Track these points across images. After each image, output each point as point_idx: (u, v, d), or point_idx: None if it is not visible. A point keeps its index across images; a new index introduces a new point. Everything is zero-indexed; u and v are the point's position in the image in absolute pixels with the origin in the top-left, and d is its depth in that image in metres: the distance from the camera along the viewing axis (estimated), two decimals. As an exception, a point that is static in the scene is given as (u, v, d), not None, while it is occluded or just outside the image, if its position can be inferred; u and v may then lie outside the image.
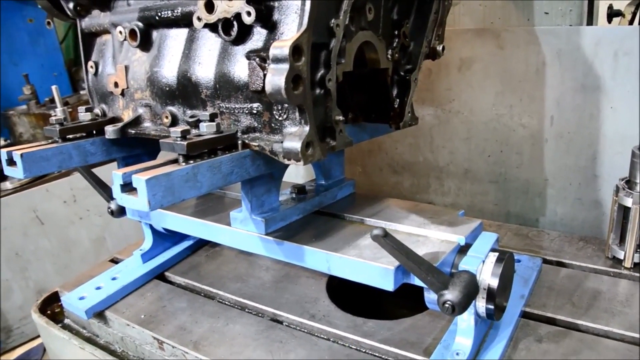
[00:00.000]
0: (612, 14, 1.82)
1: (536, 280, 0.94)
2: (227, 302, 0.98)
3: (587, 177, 1.11)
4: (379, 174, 1.39)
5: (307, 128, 0.65)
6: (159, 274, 1.08)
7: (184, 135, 0.67)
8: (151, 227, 1.08)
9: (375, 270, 0.68)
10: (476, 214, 1.27)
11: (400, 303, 0.98)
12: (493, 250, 0.73)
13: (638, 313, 0.85)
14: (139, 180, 0.60)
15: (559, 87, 1.08)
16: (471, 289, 0.65)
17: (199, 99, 0.77)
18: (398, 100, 0.86)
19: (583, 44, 1.05)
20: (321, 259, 0.73)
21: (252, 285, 1.01)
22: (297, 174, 1.41)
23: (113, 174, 0.63)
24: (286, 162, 0.66)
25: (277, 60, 0.60)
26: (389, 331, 0.84)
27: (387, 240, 0.63)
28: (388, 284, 0.67)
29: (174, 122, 0.82)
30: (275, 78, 0.60)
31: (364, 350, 0.82)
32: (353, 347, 0.83)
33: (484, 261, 0.71)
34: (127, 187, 0.63)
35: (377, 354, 0.81)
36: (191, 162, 0.65)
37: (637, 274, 0.95)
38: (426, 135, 1.27)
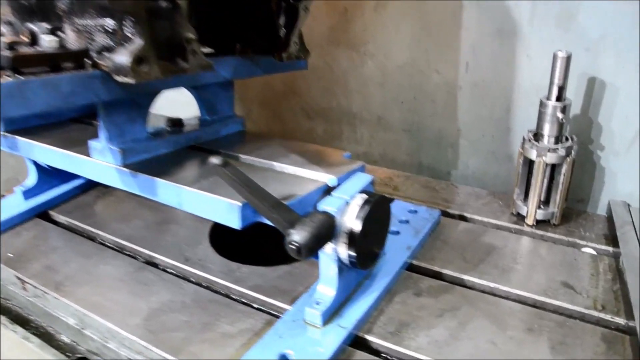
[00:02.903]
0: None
1: (430, 232, 0.89)
2: (107, 243, 0.91)
3: (501, 129, 1.05)
4: (293, 119, 1.31)
5: (139, 41, 0.56)
6: (42, 213, 1.01)
7: (12, 46, 0.59)
8: (35, 163, 1.00)
9: (221, 205, 0.61)
10: (388, 164, 1.21)
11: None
12: (364, 192, 0.66)
13: (530, 271, 0.80)
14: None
15: (475, 31, 1.01)
16: (324, 230, 0.59)
17: (56, 15, 0.67)
18: (285, 29, 0.78)
19: (502, -16, 0.98)
20: (172, 192, 0.66)
21: (134, 227, 0.94)
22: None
23: None
24: (118, 79, 0.58)
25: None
26: (262, 278, 0.78)
27: (226, 171, 0.56)
28: (234, 221, 0.60)
29: (34, 41, 0.73)
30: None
31: (231, 296, 0.76)
32: (222, 292, 0.77)
33: (348, 203, 0.64)
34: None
35: (244, 300, 0.75)
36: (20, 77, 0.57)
37: (539, 232, 0.91)
38: (340, 79, 1.19)
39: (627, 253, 0.80)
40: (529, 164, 0.91)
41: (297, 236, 0.56)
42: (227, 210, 0.60)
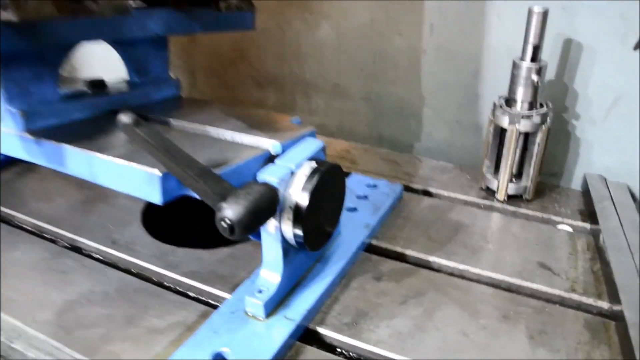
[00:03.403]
0: None
1: (391, 209, 0.80)
2: (25, 225, 0.78)
3: (469, 96, 0.96)
4: (242, 89, 1.19)
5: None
6: (-49, 193, 0.87)
7: None
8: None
9: (138, 176, 0.50)
10: (345, 136, 1.11)
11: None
12: (313, 160, 0.56)
13: (502, 251, 0.72)
14: None
15: (441, -12, 0.92)
16: (263, 204, 0.48)
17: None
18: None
19: None
20: (82, 161, 0.54)
21: (57, 207, 0.82)
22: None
23: None
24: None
25: None
26: (199, 262, 0.68)
27: (138, 131, 0.45)
28: (154, 195, 0.50)
29: None
30: None
31: (163, 284, 0.65)
32: (153, 279, 0.66)
33: (294, 172, 0.54)
34: None
35: (178, 289, 0.64)
36: None
37: (510, 208, 0.83)
38: (293, 44, 1.08)
39: (608, 230, 0.73)
40: (500, 133, 0.82)
41: (229, 211, 0.46)
42: (146, 182, 0.49)
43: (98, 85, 0.70)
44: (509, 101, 0.81)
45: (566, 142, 0.91)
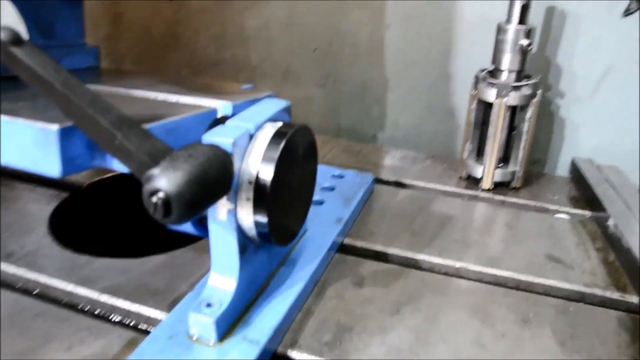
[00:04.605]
0: None
1: (363, 201, 0.66)
2: None
3: (439, 75, 0.84)
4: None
5: None
6: None
7: None
8: None
9: (28, 134, 0.34)
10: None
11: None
12: (275, 122, 0.42)
13: (501, 244, 0.60)
14: None
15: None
16: (211, 172, 0.33)
17: None
18: None
19: None
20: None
21: None
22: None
23: None
24: None
25: None
26: (124, 274, 0.51)
27: (20, 54, 0.29)
28: (50, 162, 0.33)
29: None
30: None
31: (76, 305, 0.48)
32: (60, 299, 0.49)
33: (252, 135, 0.39)
34: None
35: (95, 310, 0.47)
36: None
37: (498, 197, 0.71)
38: (235, 22, 0.93)
39: (618, 215, 0.62)
40: (484, 109, 0.71)
41: (164, 180, 0.30)
42: (38, 144, 0.33)
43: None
44: (493, 73, 0.70)
45: (550, 125, 0.81)
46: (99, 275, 0.51)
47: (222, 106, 0.43)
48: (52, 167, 0.34)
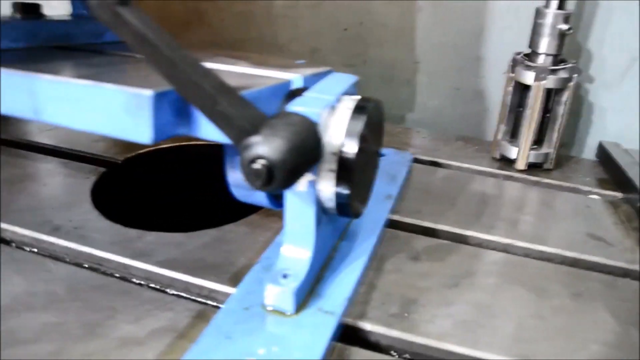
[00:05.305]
0: None
1: (406, 179, 0.66)
2: None
3: (469, 59, 0.85)
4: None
5: None
6: None
7: None
8: None
9: (118, 100, 0.33)
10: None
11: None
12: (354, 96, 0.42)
13: (543, 222, 0.61)
14: None
15: None
16: (308, 141, 0.33)
17: None
18: None
19: None
20: (22, 88, 0.37)
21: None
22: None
23: None
24: None
25: None
26: (178, 249, 0.51)
27: (126, 13, 0.29)
28: (142, 131, 0.33)
29: None
30: None
31: (131, 279, 0.48)
32: (115, 274, 0.48)
33: (334, 106, 0.39)
34: None
35: (151, 284, 0.47)
36: None
37: (532, 177, 0.72)
38: (263, 1, 0.92)
39: (654, 195, 0.63)
40: (520, 92, 0.71)
41: (266, 147, 0.30)
42: (126, 108, 0.33)
43: (30, 10, 0.52)
44: (530, 56, 0.70)
45: (579, 109, 0.82)
46: (152, 249, 0.51)
47: (294, 78, 0.43)
48: (142, 133, 0.33)
